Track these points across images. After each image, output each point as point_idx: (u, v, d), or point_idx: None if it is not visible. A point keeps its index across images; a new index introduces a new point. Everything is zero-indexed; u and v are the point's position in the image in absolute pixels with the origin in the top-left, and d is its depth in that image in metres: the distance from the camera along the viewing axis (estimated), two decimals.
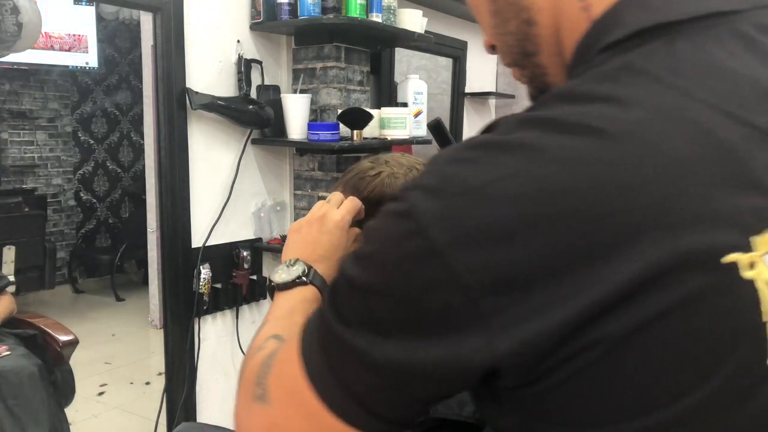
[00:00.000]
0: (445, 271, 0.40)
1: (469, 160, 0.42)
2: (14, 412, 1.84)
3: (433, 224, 0.40)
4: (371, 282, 0.44)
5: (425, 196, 0.42)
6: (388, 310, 0.43)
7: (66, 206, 5.07)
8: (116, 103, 5.34)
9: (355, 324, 0.45)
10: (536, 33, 0.52)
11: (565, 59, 0.51)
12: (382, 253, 0.44)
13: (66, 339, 2.15)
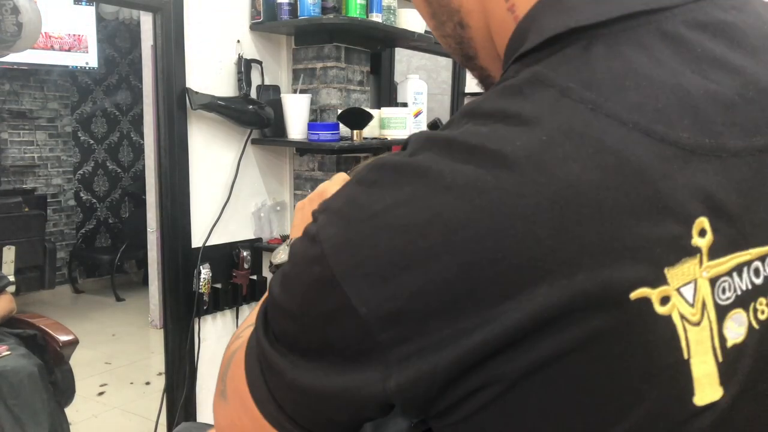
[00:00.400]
0: (343, 301, 0.38)
1: (371, 183, 0.39)
2: (14, 412, 1.84)
3: (333, 251, 0.39)
4: (284, 304, 0.43)
5: (329, 219, 0.40)
6: (298, 333, 0.42)
7: (66, 206, 5.08)
8: (116, 103, 5.34)
9: (277, 340, 0.44)
10: (470, 36, 0.49)
11: None
12: (294, 277, 0.43)
13: (66, 339, 2.15)
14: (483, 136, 0.37)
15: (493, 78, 0.52)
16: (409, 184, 0.37)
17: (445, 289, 0.36)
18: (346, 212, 0.39)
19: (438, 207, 0.36)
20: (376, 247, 0.37)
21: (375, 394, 0.39)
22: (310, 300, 0.41)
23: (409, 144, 0.41)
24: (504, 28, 0.45)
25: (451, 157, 0.37)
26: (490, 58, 0.50)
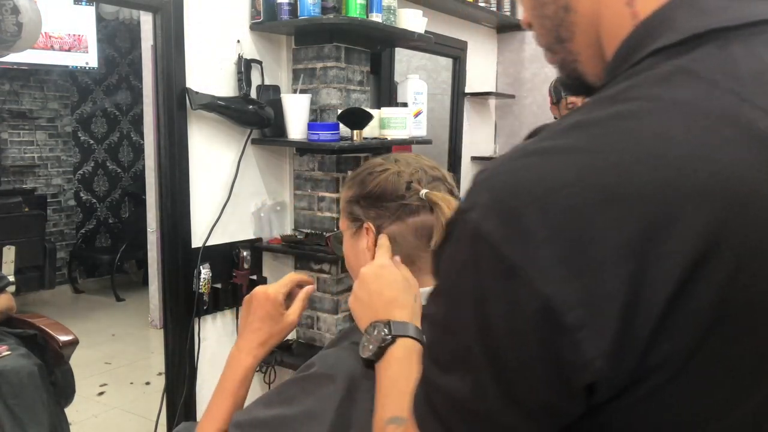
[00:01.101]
0: (527, 288, 0.39)
1: (524, 168, 0.42)
2: (14, 412, 1.84)
3: (502, 242, 0.40)
4: (453, 317, 0.44)
5: (486, 214, 0.41)
6: (478, 341, 0.42)
7: (66, 206, 5.08)
8: (116, 103, 5.34)
9: (450, 367, 0.45)
10: (572, 20, 0.52)
11: (602, 51, 0.51)
12: (461, 284, 0.43)
13: (66, 339, 2.15)
14: (646, 114, 0.41)
15: (580, 64, 0.54)
16: (570, 162, 0.41)
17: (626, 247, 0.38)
18: (506, 200, 0.41)
19: (604, 177, 0.39)
20: (550, 226, 0.39)
21: (579, 378, 0.39)
22: (486, 299, 0.41)
23: (546, 131, 0.45)
24: (617, 19, 0.48)
25: (606, 134, 0.41)
26: (585, 44, 0.52)
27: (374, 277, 0.83)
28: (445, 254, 0.46)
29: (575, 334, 0.38)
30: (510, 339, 0.40)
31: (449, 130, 3.35)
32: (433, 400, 0.46)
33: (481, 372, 0.42)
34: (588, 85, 0.56)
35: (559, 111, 2.80)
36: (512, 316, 0.40)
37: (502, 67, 3.63)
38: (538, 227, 0.39)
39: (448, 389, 0.45)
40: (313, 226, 2.33)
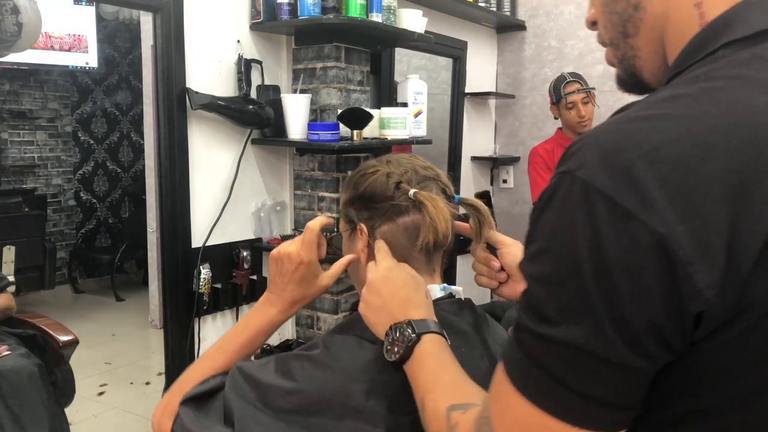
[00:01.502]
0: (643, 230, 0.44)
1: (628, 131, 0.48)
2: (14, 412, 1.84)
3: (616, 193, 0.45)
4: (567, 269, 0.47)
5: (597, 170, 0.46)
6: (596, 285, 0.46)
7: (66, 206, 5.08)
8: (116, 103, 5.34)
9: (562, 319, 0.48)
10: (640, 17, 0.58)
11: (663, 49, 0.58)
12: (574, 237, 0.47)
13: (66, 339, 2.15)
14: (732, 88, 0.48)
15: (639, 60, 0.61)
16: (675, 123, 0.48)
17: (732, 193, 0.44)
18: (618, 153, 0.47)
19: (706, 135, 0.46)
20: (664, 175, 0.45)
21: (693, 305, 0.44)
22: (604, 244, 0.46)
23: (640, 104, 0.51)
24: (685, 20, 0.55)
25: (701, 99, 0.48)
26: (648, 40, 0.59)
27: (384, 281, 0.83)
28: (548, 214, 0.50)
29: (687, 268, 0.44)
30: (628, 278, 0.45)
31: (449, 130, 3.35)
32: (543, 360, 0.49)
33: (601, 313, 0.46)
34: (643, 83, 0.63)
35: (558, 110, 2.79)
36: (630, 257, 0.45)
37: (502, 67, 3.63)
38: (648, 178, 0.44)
39: (563, 339, 0.47)
40: None
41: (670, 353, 0.47)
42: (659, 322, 0.45)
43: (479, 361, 0.87)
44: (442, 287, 0.95)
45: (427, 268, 0.96)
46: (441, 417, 0.66)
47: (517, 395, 0.51)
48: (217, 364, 0.91)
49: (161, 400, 0.94)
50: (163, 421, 0.90)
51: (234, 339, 0.94)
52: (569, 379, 0.48)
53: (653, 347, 0.46)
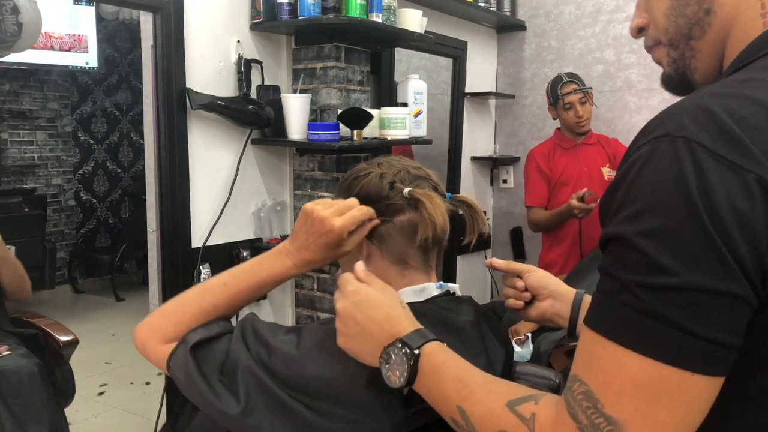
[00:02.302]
0: (748, 176, 0.50)
1: (715, 103, 0.54)
2: (14, 412, 1.84)
3: (719, 147, 0.51)
4: (677, 219, 0.52)
5: (697, 130, 0.52)
6: (710, 229, 0.51)
7: (66, 206, 5.08)
8: (116, 103, 5.34)
9: (681, 265, 0.51)
10: (710, 21, 0.64)
11: (722, 51, 0.64)
12: (681, 190, 0.51)
13: (66, 339, 2.15)
14: None
15: (696, 60, 0.67)
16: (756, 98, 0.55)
17: None
18: (712, 119, 0.53)
19: None
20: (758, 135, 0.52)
21: None
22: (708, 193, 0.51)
23: (719, 85, 0.58)
24: (750, 26, 0.62)
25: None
26: (711, 43, 0.65)
27: (355, 307, 0.79)
28: (647, 174, 0.53)
29: None
30: (739, 221, 0.50)
31: (449, 130, 3.35)
32: (660, 310, 0.52)
33: (719, 254, 0.50)
34: (689, 83, 0.69)
35: (556, 111, 2.79)
36: (738, 200, 0.50)
37: (502, 67, 3.63)
38: (744, 138, 0.51)
39: (685, 284, 0.51)
40: None
41: (766, 289, 0.52)
42: (765, 258, 0.51)
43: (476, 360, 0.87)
44: (438, 285, 0.96)
45: (425, 266, 0.96)
46: (501, 415, 0.63)
47: (629, 354, 0.53)
48: (219, 302, 0.91)
49: (149, 316, 0.93)
50: (151, 343, 0.90)
51: (240, 279, 0.92)
52: (690, 323, 0.51)
53: (759, 282, 0.51)
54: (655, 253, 0.52)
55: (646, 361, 0.52)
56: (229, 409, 0.81)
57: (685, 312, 0.51)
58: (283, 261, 0.92)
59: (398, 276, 0.95)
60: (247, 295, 0.93)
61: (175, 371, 0.87)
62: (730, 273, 0.50)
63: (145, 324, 0.93)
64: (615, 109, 3.19)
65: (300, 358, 0.82)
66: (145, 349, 0.92)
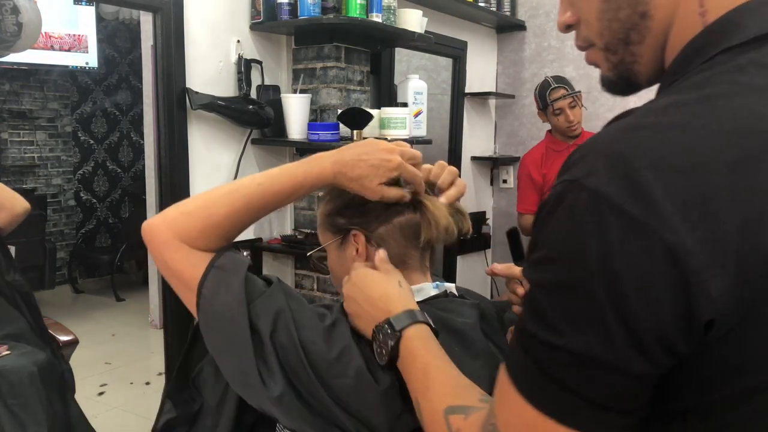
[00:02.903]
0: (653, 239, 0.44)
1: (635, 139, 0.48)
2: (14, 412, 1.84)
3: (625, 202, 0.45)
4: (574, 277, 0.47)
5: (605, 179, 0.46)
6: (606, 294, 0.46)
7: (66, 206, 5.07)
8: (116, 103, 5.34)
9: (569, 328, 0.47)
10: (647, 25, 0.57)
11: (663, 55, 0.58)
12: (582, 245, 0.46)
13: (66, 339, 2.15)
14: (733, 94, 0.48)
15: (638, 65, 0.60)
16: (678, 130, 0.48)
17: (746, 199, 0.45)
18: (625, 163, 0.46)
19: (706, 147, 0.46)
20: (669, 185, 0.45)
21: (702, 313, 0.44)
22: (612, 254, 0.46)
23: (641, 111, 0.51)
24: (689, 27, 0.55)
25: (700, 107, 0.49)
26: (652, 48, 0.58)
27: (353, 287, 0.83)
28: (554, 222, 0.49)
29: (699, 276, 0.44)
30: (639, 287, 0.45)
31: (449, 130, 3.35)
32: (549, 367, 0.49)
33: (609, 322, 0.46)
34: (633, 86, 0.62)
35: (546, 116, 2.78)
36: (640, 266, 0.44)
37: (502, 67, 3.63)
38: (656, 187, 0.44)
39: (571, 348, 0.47)
40: (313, 226, 2.33)
41: (675, 359, 0.47)
42: (669, 331, 0.45)
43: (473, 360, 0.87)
44: (434, 285, 0.95)
45: (422, 266, 0.97)
46: (440, 421, 0.65)
47: (524, 402, 0.51)
48: (252, 202, 0.87)
49: (166, 212, 0.86)
50: (173, 244, 0.84)
51: (275, 179, 0.87)
52: (577, 386, 0.48)
53: (661, 355, 0.46)
54: (549, 308, 0.49)
55: (538, 413, 0.50)
56: (272, 391, 0.79)
57: (574, 375, 0.48)
58: (321, 163, 0.87)
59: None
60: (279, 198, 0.88)
61: (209, 300, 0.82)
62: (613, 347, 0.46)
63: (163, 221, 0.86)
64: (615, 109, 3.19)
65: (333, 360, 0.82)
66: (161, 251, 0.85)
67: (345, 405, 0.78)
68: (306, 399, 0.79)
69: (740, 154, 0.45)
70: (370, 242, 0.93)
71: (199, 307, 0.83)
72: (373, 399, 0.78)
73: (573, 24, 0.63)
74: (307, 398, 0.79)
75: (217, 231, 0.85)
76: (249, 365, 0.80)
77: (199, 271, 0.84)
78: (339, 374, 0.79)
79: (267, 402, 0.80)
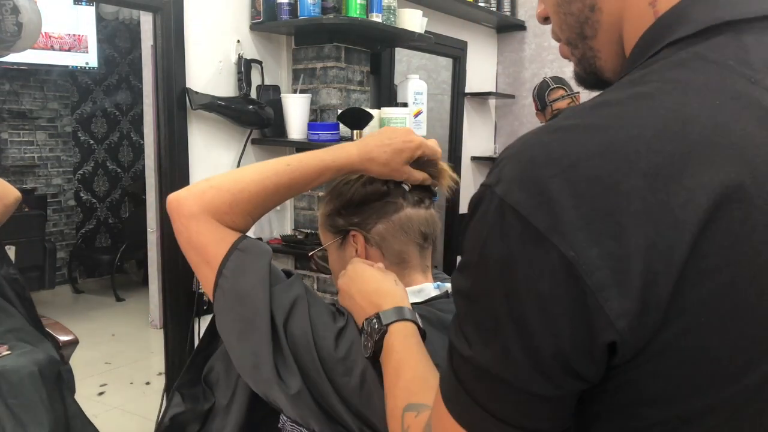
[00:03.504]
0: (553, 253, 0.41)
1: (549, 143, 0.45)
2: (14, 412, 1.84)
3: (529, 211, 0.42)
4: (480, 286, 0.45)
5: (513, 186, 0.44)
6: (505, 307, 0.44)
7: (66, 206, 5.08)
8: (116, 103, 5.34)
9: (475, 339, 0.46)
10: (597, 19, 0.55)
11: (622, 49, 0.55)
12: (489, 254, 0.45)
13: (66, 339, 2.15)
14: (663, 93, 0.45)
15: (599, 60, 0.58)
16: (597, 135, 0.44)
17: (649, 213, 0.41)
18: (533, 171, 0.44)
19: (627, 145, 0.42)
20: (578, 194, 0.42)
21: (605, 337, 0.41)
22: (515, 266, 0.43)
23: (567, 113, 0.48)
24: (640, 19, 0.51)
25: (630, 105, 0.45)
26: (607, 41, 0.56)
27: (349, 281, 0.85)
28: (471, 228, 0.47)
29: (600, 294, 0.40)
30: (537, 302, 0.42)
31: (449, 130, 3.35)
32: (460, 375, 0.48)
33: (508, 338, 0.43)
34: (604, 80, 0.59)
35: (544, 117, 2.78)
36: (539, 280, 0.42)
37: (502, 67, 3.63)
38: (563, 196, 0.41)
39: (476, 361, 0.46)
40: (313, 226, 2.33)
41: (581, 382, 0.44)
42: (567, 352, 0.42)
43: None
44: (435, 285, 0.96)
45: (422, 265, 0.97)
46: (397, 417, 0.66)
47: (445, 411, 0.50)
48: (281, 183, 0.88)
49: (195, 186, 0.86)
50: (202, 218, 0.83)
51: (304, 162, 0.89)
52: (484, 400, 0.46)
53: (562, 376, 0.43)
54: (462, 316, 0.48)
55: (454, 423, 0.49)
56: (288, 389, 0.78)
57: (481, 388, 0.46)
58: (348, 150, 0.91)
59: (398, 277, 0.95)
60: (307, 180, 0.90)
61: (231, 279, 0.82)
62: (513, 362, 0.44)
63: (192, 194, 0.85)
64: None
65: None
66: (186, 224, 0.84)
67: (348, 403, 0.79)
68: (314, 394, 0.79)
69: (660, 162, 0.41)
70: (369, 242, 0.93)
71: (218, 285, 0.83)
72: (375, 401, 0.78)
73: (548, 17, 0.62)
74: (315, 394, 0.79)
75: (246, 207, 0.86)
76: (264, 350, 0.79)
77: (223, 249, 0.83)
78: (344, 373, 0.79)
79: (275, 390, 0.79)
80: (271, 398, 0.81)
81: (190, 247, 0.85)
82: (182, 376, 0.94)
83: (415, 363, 0.72)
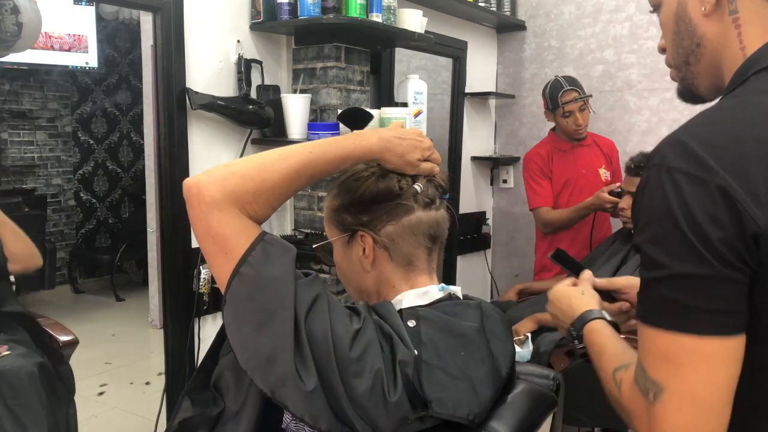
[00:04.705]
0: (712, 187, 0.65)
1: (690, 133, 0.71)
2: (14, 412, 1.84)
3: (690, 169, 0.67)
4: (665, 227, 0.68)
5: (673, 159, 0.68)
6: (688, 229, 0.66)
7: (66, 206, 5.08)
8: (116, 103, 5.34)
9: (673, 260, 0.68)
10: (701, 53, 0.82)
11: (720, 74, 0.81)
12: (668, 204, 0.67)
13: (66, 339, 2.15)
14: (748, 103, 0.74)
15: (696, 81, 0.85)
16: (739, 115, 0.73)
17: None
18: (696, 143, 0.69)
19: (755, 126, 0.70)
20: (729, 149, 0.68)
21: (751, 230, 0.65)
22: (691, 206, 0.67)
23: (699, 116, 0.74)
24: (734, 59, 0.79)
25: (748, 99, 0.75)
26: (705, 68, 0.83)
27: (551, 307, 1.07)
28: (645, 197, 0.71)
29: (743, 205, 0.65)
30: (709, 219, 0.65)
31: (449, 130, 3.35)
32: (667, 294, 0.69)
33: (697, 247, 0.66)
34: (697, 98, 0.87)
35: (554, 117, 2.77)
36: (707, 204, 0.66)
37: (502, 67, 3.63)
38: (708, 157, 0.67)
39: (678, 273, 0.67)
40: (313, 226, 2.33)
41: (746, 266, 0.66)
42: (735, 243, 0.65)
43: (479, 365, 0.87)
44: (440, 287, 0.95)
45: (428, 267, 0.97)
46: (609, 380, 0.82)
47: (654, 331, 0.70)
48: (303, 169, 0.87)
49: (215, 171, 0.83)
50: (224, 206, 0.81)
51: (326, 148, 0.90)
52: (690, 300, 0.67)
53: (737, 261, 0.65)
54: (654, 254, 0.70)
55: (666, 333, 0.69)
56: (304, 386, 0.78)
57: (681, 292, 0.67)
58: (367, 138, 0.94)
59: (403, 279, 0.95)
60: (328, 167, 0.90)
61: (256, 269, 0.80)
62: (702, 260, 0.66)
63: (214, 180, 0.82)
64: (615, 109, 3.19)
65: None
66: (207, 211, 0.81)
67: (356, 404, 0.78)
68: (328, 394, 0.79)
69: (763, 134, 0.68)
70: (377, 244, 0.93)
71: (239, 272, 0.80)
72: (383, 405, 0.79)
73: (665, 48, 0.88)
74: (328, 393, 0.79)
75: (269, 196, 0.85)
76: (286, 343, 0.78)
77: (245, 240, 0.81)
78: (355, 374, 0.79)
79: (289, 386, 0.78)
80: (278, 395, 0.79)
81: (209, 236, 0.82)
82: (192, 380, 0.93)
83: (611, 343, 0.89)
